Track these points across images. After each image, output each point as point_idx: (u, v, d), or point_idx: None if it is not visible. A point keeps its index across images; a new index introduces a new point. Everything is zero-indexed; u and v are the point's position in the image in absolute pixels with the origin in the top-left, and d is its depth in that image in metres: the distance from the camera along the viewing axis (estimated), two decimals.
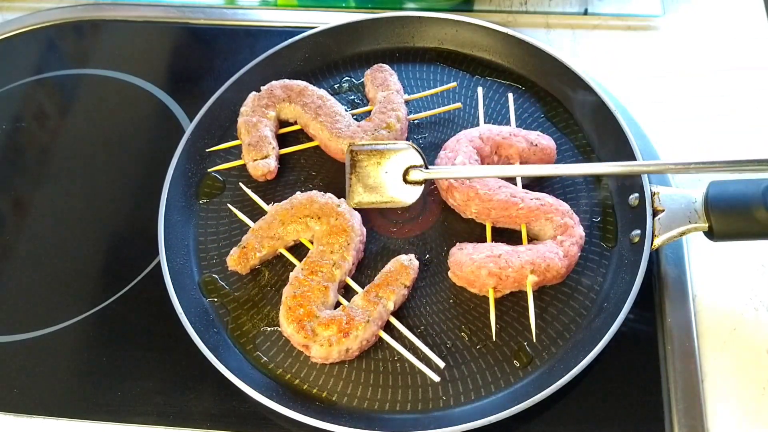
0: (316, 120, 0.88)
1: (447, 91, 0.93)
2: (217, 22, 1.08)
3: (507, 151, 0.84)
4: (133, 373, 0.77)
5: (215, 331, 0.78)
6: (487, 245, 0.78)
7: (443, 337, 0.76)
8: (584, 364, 0.70)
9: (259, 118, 0.89)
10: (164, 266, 0.80)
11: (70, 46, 1.07)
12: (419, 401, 0.73)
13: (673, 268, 0.80)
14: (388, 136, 0.86)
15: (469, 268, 0.76)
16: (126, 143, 0.96)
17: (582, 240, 0.78)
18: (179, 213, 0.85)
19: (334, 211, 0.80)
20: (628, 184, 0.82)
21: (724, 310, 0.78)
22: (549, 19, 1.04)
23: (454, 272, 0.78)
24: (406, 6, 1.07)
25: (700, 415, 0.71)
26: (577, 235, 0.77)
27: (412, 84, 0.96)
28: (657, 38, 1.01)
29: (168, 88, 1.00)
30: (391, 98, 0.89)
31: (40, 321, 0.81)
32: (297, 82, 0.92)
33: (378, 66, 0.93)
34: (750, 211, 0.72)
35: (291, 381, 0.75)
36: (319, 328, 0.73)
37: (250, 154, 0.87)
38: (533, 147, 0.84)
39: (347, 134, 0.86)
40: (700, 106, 0.94)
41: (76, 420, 0.75)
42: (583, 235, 0.78)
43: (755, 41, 0.99)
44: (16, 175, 0.94)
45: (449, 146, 0.84)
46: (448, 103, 0.92)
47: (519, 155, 0.84)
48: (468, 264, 0.76)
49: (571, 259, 0.76)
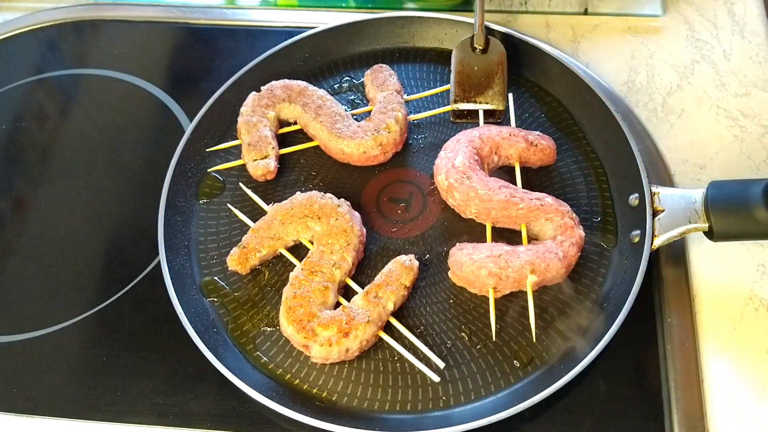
0: (316, 120, 0.88)
1: (447, 91, 0.93)
2: (217, 22, 1.08)
3: (507, 151, 0.84)
4: (133, 373, 0.77)
5: (215, 331, 0.78)
6: (487, 245, 0.78)
7: (443, 337, 0.76)
8: (584, 364, 0.70)
9: (259, 118, 0.89)
10: (164, 266, 0.80)
11: (70, 46, 1.07)
12: (419, 401, 0.73)
13: (673, 268, 0.80)
14: (388, 136, 0.86)
15: (469, 268, 0.76)
16: (126, 143, 0.96)
17: (582, 240, 0.78)
18: (179, 213, 0.85)
19: (334, 212, 0.80)
20: (628, 183, 0.82)
21: (724, 310, 0.78)
22: (549, 19, 1.04)
23: (453, 272, 0.78)
24: (406, 6, 1.07)
25: (700, 415, 0.71)
26: (576, 236, 0.77)
27: (412, 84, 0.96)
28: (657, 38, 1.01)
29: (168, 88, 1.00)
30: (391, 98, 0.89)
31: (40, 321, 0.81)
32: (297, 82, 0.92)
33: (378, 66, 0.93)
34: (750, 211, 0.72)
35: (291, 381, 0.75)
36: (319, 329, 0.73)
37: (249, 154, 0.87)
38: (533, 147, 0.83)
39: (347, 134, 0.86)
40: (701, 106, 0.94)
41: (76, 420, 0.74)
42: (583, 235, 0.78)
43: (755, 41, 0.99)
44: (16, 175, 0.94)
45: (449, 146, 0.84)
46: (449, 103, 0.92)
47: (519, 155, 0.84)
48: (468, 264, 0.76)
49: (570, 260, 0.76)
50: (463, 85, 0.89)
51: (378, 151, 0.86)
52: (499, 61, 0.90)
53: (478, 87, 0.88)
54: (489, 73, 0.89)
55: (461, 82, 0.89)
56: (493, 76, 0.88)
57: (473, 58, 0.90)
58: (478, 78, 0.89)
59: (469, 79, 0.89)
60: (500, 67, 0.89)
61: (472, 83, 0.88)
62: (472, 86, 0.88)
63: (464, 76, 0.89)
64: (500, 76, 0.89)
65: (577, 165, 0.87)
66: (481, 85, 0.88)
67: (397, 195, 0.87)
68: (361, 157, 0.87)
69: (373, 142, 0.86)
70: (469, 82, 0.89)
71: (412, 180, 0.88)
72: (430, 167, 0.88)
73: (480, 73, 0.89)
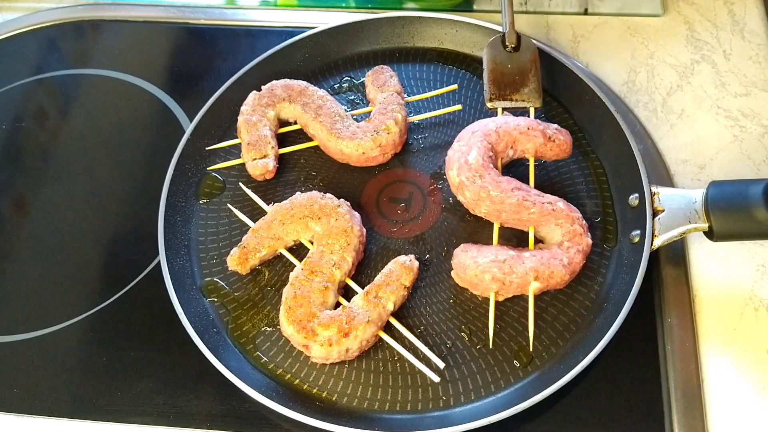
0: (315, 120, 0.88)
1: (448, 93, 0.93)
2: (217, 22, 1.08)
3: (523, 146, 0.81)
4: (133, 373, 0.77)
5: (215, 331, 0.78)
6: (492, 249, 0.77)
7: (443, 338, 0.76)
8: (584, 364, 0.70)
9: (259, 118, 0.89)
10: (164, 266, 0.80)
11: (70, 46, 1.07)
12: (419, 401, 0.73)
13: (673, 268, 0.80)
14: (387, 138, 0.86)
15: (473, 272, 0.75)
16: (126, 143, 0.96)
17: (588, 248, 0.77)
18: (179, 213, 0.85)
19: (335, 212, 0.80)
20: (628, 183, 0.82)
21: (724, 310, 0.78)
22: (549, 19, 1.04)
23: (457, 274, 0.78)
24: (406, 6, 1.07)
25: (700, 415, 0.71)
26: (584, 243, 0.76)
27: (412, 84, 0.96)
28: (657, 38, 1.01)
29: (168, 88, 1.00)
30: (391, 99, 0.89)
31: (40, 321, 0.81)
32: (298, 82, 0.92)
33: (379, 67, 0.93)
34: (750, 212, 0.72)
35: (291, 381, 0.75)
36: (320, 328, 0.73)
37: (249, 153, 0.87)
38: (550, 142, 0.81)
39: (346, 135, 0.86)
40: (701, 106, 0.94)
41: (76, 420, 0.74)
42: (590, 243, 0.77)
43: (755, 41, 0.99)
44: (16, 175, 0.94)
45: (463, 138, 0.81)
46: (449, 103, 0.92)
47: (535, 150, 0.82)
48: (472, 267, 0.75)
49: (575, 267, 0.76)
50: (498, 83, 0.86)
51: (377, 152, 0.86)
52: (532, 59, 0.88)
53: (512, 85, 0.86)
54: (523, 70, 0.87)
55: (495, 80, 0.86)
56: (528, 74, 0.87)
57: (505, 56, 0.88)
58: (512, 76, 0.87)
59: (503, 77, 0.87)
60: (533, 64, 0.88)
61: (507, 81, 0.86)
62: (506, 84, 0.86)
63: (498, 74, 0.87)
64: (534, 74, 0.87)
65: (577, 165, 0.87)
66: (516, 82, 0.86)
67: (397, 195, 0.87)
68: (360, 158, 0.87)
69: (372, 143, 0.86)
70: (503, 80, 0.86)
71: (412, 180, 0.88)
72: (430, 167, 0.88)
73: (514, 70, 0.87)
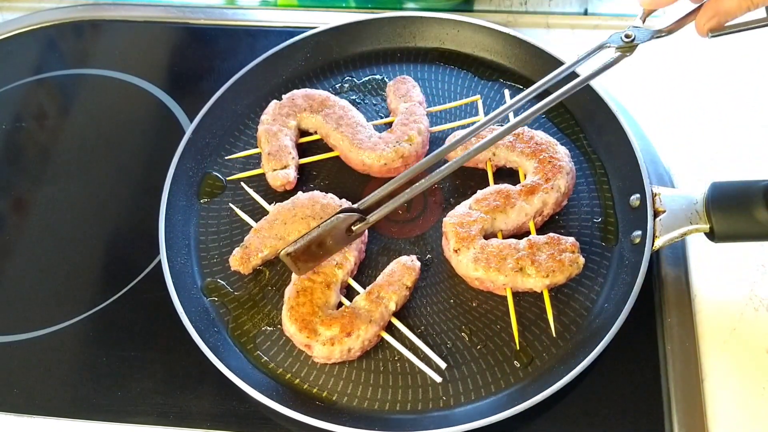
0: (337, 130, 0.87)
1: (468, 104, 0.93)
2: (217, 22, 1.08)
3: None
4: (133, 373, 0.77)
5: (216, 331, 0.78)
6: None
7: (444, 338, 0.76)
8: (584, 364, 0.70)
9: (279, 127, 0.88)
10: (165, 266, 0.80)
11: (70, 46, 1.07)
12: (420, 401, 0.73)
13: (673, 268, 0.80)
14: (410, 148, 0.85)
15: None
16: (126, 143, 0.96)
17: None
18: (180, 213, 0.85)
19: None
20: (629, 184, 0.82)
21: (724, 310, 0.78)
22: (549, 19, 1.04)
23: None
24: (407, 6, 1.07)
25: (700, 415, 0.71)
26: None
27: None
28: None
29: (168, 88, 1.00)
30: (413, 110, 0.88)
31: (40, 321, 0.81)
32: (319, 91, 0.91)
33: (401, 77, 0.92)
34: (751, 212, 0.72)
35: (291, 381, 0.75)
36: (322, 328, 0.73)
37: (269, 164, 0.86)
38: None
39: (368, 145, 0.85)
40: (701, 106, 0.94)
41: (76, 420, 0.74)
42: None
43: (755, 41, 0.99)
44: (16, 175, 0.94)
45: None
46: (469, 115, 0.92)
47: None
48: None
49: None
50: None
51: (399, 163, 0.85)
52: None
53: None
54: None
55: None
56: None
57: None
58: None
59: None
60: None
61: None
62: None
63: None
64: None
65: (578, 166, 0.87)
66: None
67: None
68: (382, 169, 0.86)
69: (394, 154, 0.84)
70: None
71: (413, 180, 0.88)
72: (430, 167, 0.88)
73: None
